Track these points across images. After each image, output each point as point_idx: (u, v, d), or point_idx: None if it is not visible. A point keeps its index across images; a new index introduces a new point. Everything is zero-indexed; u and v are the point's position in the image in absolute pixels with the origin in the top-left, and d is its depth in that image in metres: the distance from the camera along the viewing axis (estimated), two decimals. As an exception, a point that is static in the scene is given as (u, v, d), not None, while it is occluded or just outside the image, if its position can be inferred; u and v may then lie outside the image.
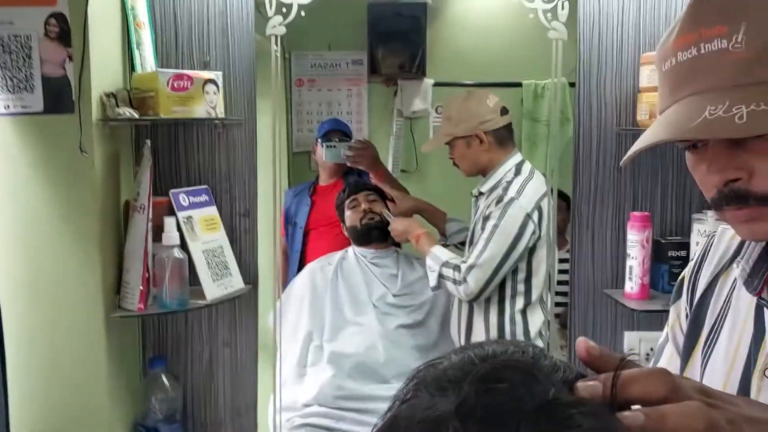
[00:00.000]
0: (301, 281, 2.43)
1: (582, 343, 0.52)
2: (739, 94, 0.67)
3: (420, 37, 3.18)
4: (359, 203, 2.46)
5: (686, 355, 0.91)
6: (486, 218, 1.96)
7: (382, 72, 3.25)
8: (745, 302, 0.83)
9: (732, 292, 0.86)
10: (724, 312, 0.86)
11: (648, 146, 0.72)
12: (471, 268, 1.92)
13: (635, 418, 0.45)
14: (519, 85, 3.13)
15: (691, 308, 0.92)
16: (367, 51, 3.24)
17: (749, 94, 0.67)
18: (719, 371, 0.82)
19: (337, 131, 2.63)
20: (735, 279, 0.85)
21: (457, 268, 1.96)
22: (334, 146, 2.47)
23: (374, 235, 2.43)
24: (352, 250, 2.47)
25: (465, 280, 1.93)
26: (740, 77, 0.68)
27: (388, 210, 2.41)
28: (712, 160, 0.71)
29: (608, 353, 0.51)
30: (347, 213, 2.48)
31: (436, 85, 3.23)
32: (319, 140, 2.59)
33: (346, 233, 2.50)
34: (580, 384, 0.47)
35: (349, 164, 2.49)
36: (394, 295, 2.36)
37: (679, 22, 0.74)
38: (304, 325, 2.33)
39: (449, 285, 1.99)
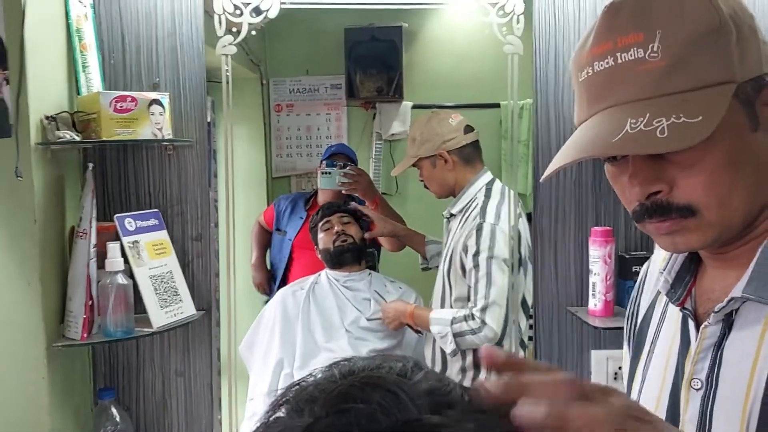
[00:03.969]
0: (272, 307, 2.38)
1: (485, 350, 0.50)
2: (659, 106, 0.66)
3: (397, 61, 3.17)
4: (332, 225, 2.42)
5: (631, 375, 0.90)
6: (476, 254, 1.88)
7: (360, 96, 3.24)
8: (674, 315, 0.81)
9: (666, 307, 0.84)
10: (659, 328, 0.85)
11: (571, 163, 0.71)
12: (485, 309, 1.82)
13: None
14: (497, 105, 3.11)
15: (633, 336, 0.91)
16: (344, 75, 3.24)
17: (668, 105, 0.66)
18: (654, 386, 0.81)
19: (340, 155, 2.62)
20: None
21: (469, 317, 1.86)
22: (329, 173, 2.45)
23: (347, 258, 2.39)
24: (325, 274, 2.43)
25: (484, 323, 1.82)
26: (658, 87, 0.67)
27: (364, 235, 2.38)
28: (634, 173, 0.70)
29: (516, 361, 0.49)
30: (320, 235, 2.44)
31: (414, 107, 3.22)
32: (324, 162, 2.56)
33: (319, 256, 2.46)
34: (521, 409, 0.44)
35: (343, 192, 2.47)
36: (368, 319, 2.31)
37: (594, 29, 0.73)
38: (275, 352, 2.27)
39: (468, 339, 1.86)
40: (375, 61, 3.21)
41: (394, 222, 2.42)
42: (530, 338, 1.94)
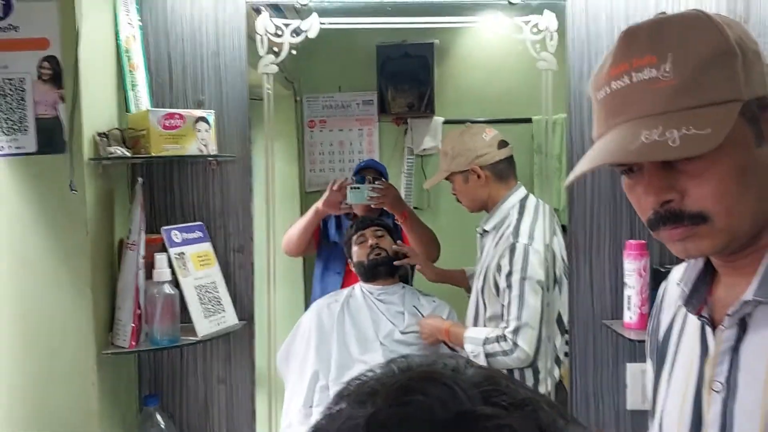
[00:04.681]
0: (307, 319, 2.42)
1: None
2: (670, 120, 0.72)
3: (428, 77, 3.21)
4: (366, 239, 2.45)
5: (655, 386, 0.95)
6: (509, 274, 1.88)
7: (392, 111, 3.28)
8: (693, 326, 0.87)
9: (686, 321, 0.90)
10: (680, 340, 0.90)
11: (590, 169, 0.77)
12: (517, 330, 1.82)
13: None
14: (529, 120, 3.13)
15: (656, 350, 0.96)
16: (376, 91, 3.28)
17: (679, 118, 0.72)
18: (678, 393, 0.86)
19: (369, 169, 2.66)
20: None
21: (501, 338, 1.85)
22: (358, 188, 2.50)
23: (381, 271, 2.42)
24: (359, 287, 2.46)
25: (516, 344, 1.82)
26: (670, 103, 0.73)
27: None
28: (648, 183, 0.77)
29: None
30: (354, 249, 2.47)
31: (446, 122, 3.25)
32: (353, 178, 2.61)
33: (353, 269, 2.50)
34: None
35: (372, 206, 2.51)
36: (402, 332, 2.34)
37: (612, 54, 0.80)
38: (311, 364, 2.30)
39: (500, 360, 1.86)
40: (407, 77, 3.25)
41: (436, 269, 2.43)
42: (566, 354, 1.95)
